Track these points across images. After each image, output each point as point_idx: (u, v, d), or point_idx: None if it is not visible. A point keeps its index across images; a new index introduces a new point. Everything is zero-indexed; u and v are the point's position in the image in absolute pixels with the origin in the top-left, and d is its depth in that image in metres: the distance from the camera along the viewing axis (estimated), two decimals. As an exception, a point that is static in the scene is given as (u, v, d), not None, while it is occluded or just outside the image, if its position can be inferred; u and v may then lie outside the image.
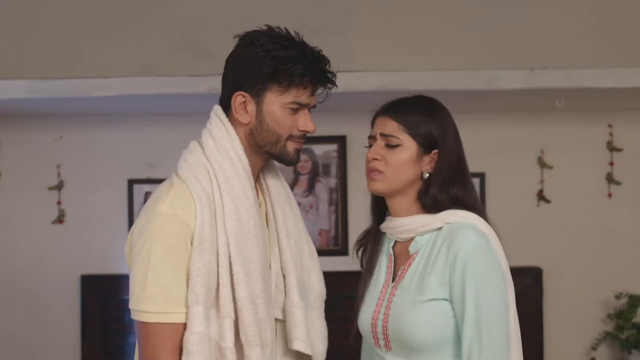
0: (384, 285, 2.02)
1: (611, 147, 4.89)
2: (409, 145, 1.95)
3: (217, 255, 1.81)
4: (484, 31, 4.49)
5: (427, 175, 1.96)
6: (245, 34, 1.91)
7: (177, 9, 4.38)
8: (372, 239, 2.09)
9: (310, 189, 4.90)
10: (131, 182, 4.85)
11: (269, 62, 1.83)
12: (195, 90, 3.96)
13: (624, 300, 4.71)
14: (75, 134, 4.89)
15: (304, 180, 4.89)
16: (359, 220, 4.91)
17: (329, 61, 1.90)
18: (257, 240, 1.86)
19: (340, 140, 4.87)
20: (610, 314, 4.76)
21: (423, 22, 4.55)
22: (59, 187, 4.90)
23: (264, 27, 1.90)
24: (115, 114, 4.78)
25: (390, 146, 1.96)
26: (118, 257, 4.82)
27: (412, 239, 1.99)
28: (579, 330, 4.76)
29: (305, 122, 1.90)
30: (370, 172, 1.98)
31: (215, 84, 3.95)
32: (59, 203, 4.91)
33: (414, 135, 1.95)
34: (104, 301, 4.80)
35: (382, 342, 1.98)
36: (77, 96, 4.09)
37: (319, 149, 4.83)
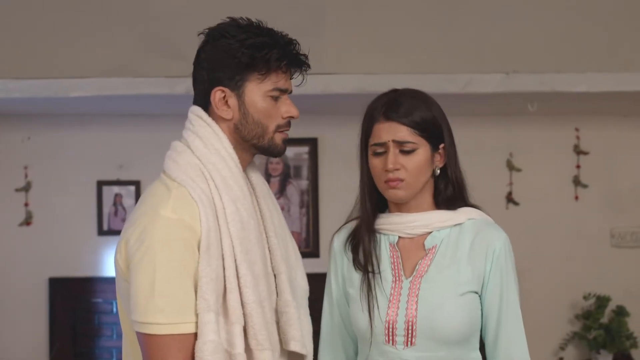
0: (394, 282, 1.99)
1: (578, 151, 4.95)
2: (422, 147, 1.96)
3: (223, 259, 1.75)
4: (460, 35, 4.54)
5: (439, 171, 2.00)
6: (211, 29, 1.87)
7: (150, 10, 4.36)
8: (365, 238, 2.05)
9: (282, 191, 4.90)
10: (100, 184, 4.79)
11: (245, 50, 1.79)
12: (173, 91, 3.93)
13: (592, 301, 4.77)
14: (43, 134, 4.83)
15: (275, 182, 4.89)
16: (330, 222, 4.94)
17: (299, 43, 1.87)
18: (257, 241, 1.82)
19: (312, 143, 4.88)
20: (578, 315, 4.82)
21: (399, 25, 4.57)
22: (27, 188, 4.83)
23: (227, 19, 1.87)
24: (84, 115, 4.73)
25: (405, 152, 1.95)
26: (87, 260, 4.79)
27: (426, 233, 2.00)
28: (547, 330, 4.81)
29: (288, 108, 1.87)
30: (391, 181, 1.96)
31: (191, 86, 3.95)
32: (26, 205, 4.84)
33: (425, 136, 1.96)
34: (73, 304, 4.74)
35: (400, 339, 1.96)
36: (52, 96, 4.04)
37: (290, 151, 4.83)
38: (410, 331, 1.95)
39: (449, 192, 2.00)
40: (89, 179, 4.81)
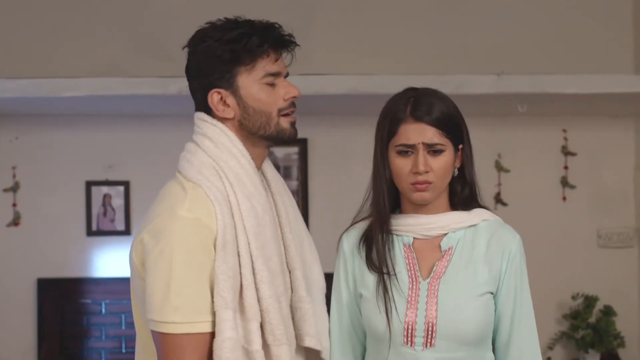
0: (411, 283, 1.98)
1: (566, 152, 4.98)
2: (448, 149, 1.96)
3: (239, 256, 1.77)
4: (452, 36, 4.56)
5: (457, 172, 2.00)
6: (191, 38, 1.90)
7: (142, 11, 4.35)
8: (380, 238, 2.03)
9: (271, 191, 4.90)
10: (89, 184, 4.76)
11: (225, 47, 1.81)
12: (166, 91, 3.93)
13: (580, 300, 4.80)
14: (31, 134, 4.80)
15: (265, 182, 4.88)
16: (320, 222, 4.94)
17: (280, 25, 1.88)
18: (273, 236, 1.84)
19: (302, 143, 4.87)
20: (566, 315, 4.84)
21: (391, 26, 4.60)
22: (15, 188, 4.80)
23: (205, 25, 1.89)
24: (72, 115, 4.70)
25: (433, 153, 1.94)
26: (76, 261, 4.77)
27: (442, 235, 2.00)
28: (535, 330, 4.82)
29: (286, 89, 1.88)
30: (420, 184, 1.94)
31: (185, 86, 3.94)
32: (14, 205, 4.81)
33: (450, 137, 1.95)
34: (61, 305, 4.71)
35: (420, 340, 1.95)
36: (46, 96, 4.03)
37: (280, 152, 4.83)
38: (430, 332, 1.94)
39: (466, 193, 2.00)
40: (78, 179, 4.79)
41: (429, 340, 1.94)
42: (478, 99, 4.26)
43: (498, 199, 4.96)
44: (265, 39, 1.83)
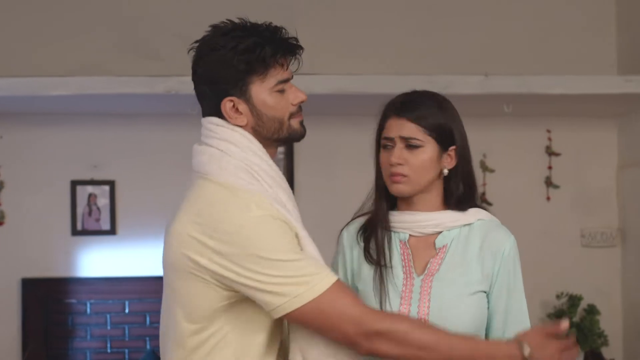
0: (405, 279, 2.02)
1: (550, 152, 5.00)
2: (429, 146, 2.00)
3: None
4: (440, 37, 4.59)
5: (447, 171, 2.02)
6: (199, 44, 1.89)
7: (127, 10, 4.35)
8: (379, 232, 2.09)
9: (257, 191, 4.90)
10: (74, 184, 4.74)
11: (240, 57, 1.81)
12: (153, 90, 3.92)
13: (564, 300, 4.82)
14: (15, 133, 4.76)
15: (251, 182, 4.88)
16: (306, 221, 4.93)
17: (284, 28, 1.90)
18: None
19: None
20: (550, 314, 4.87)
21: (378, 27, 4.62)
22: (-1, 188, 4.79)
23: (209, 29, 1.90)
24: (57, 114, 4.67)
25: (410, 148, 2.00)
26: (60, 260, 4.74)
27: (436, 233, 2.04)
28: (519, 329, 4.84)
29: (295, 95, 1.90)
30: (394, 176, 2.01)
31: (173, 85, 3.94)
32: (-2, 204, 4.80)
33: (433, 135, 2.00)
34: (46, 305, 4.69)
35: None
36: (33, 95, 4.01)
37: (265, 151, 4.82)
38: None
39: (459, 193, 2.03)
40: (63, 178, 4.76)
41: None
42: (465, 100, 4.27)
43: (483, 199, 4.97)
44: (277, 48, 1.85)
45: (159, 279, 4.98)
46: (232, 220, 1.75)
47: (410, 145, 2.00)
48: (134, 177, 4.76)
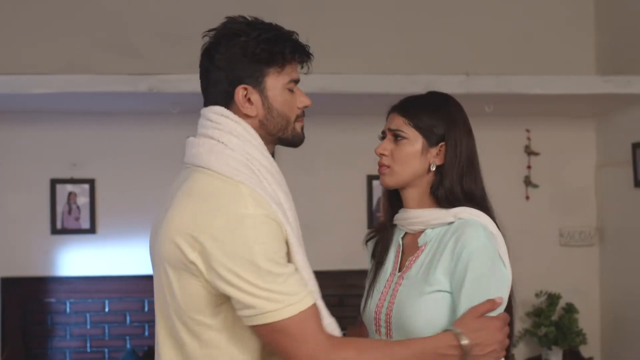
0: (390, 275, 2.07)
1: (529, 151, 5.04)
2: (414, 139, 2.03)
3: None
4: (422, 37, 4.60)
5: (435, 167, 2.02)
6: (220, 30, 1.88)
7: (107, 8, 4.33)
8: (384, 231, 2.15)
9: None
10: (54, 182, 4.72)
11: (263, 46, 1.82)
12: (135, 88, 3.90)
13: (543, 298, 4.86)
14: (-6, 132, 4.76)
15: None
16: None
17: (298, 34, 1.92)
18: (301, 237, 1.87)
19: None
20: (529, 312, 4.90)
21: (361, 26, 4.63)
22: (-22, 186, 4.75)
23: (227, 19, 1.89)
24: (37, 112, 4.65)
25: (396, 140, 2.04)
26: (40, 259, 4.71)
27: (423, 231, 2.05)
28: (499, 328, 4.87)
29: (302, 98, 1.92)
30: (380, 167, 2.07)
31: (155, 83, 3.93)
32: (-23, 203, 4.76)
33: (418, 128, 2.03)
34: (25, 305, 4.67)
35: (383, 330, 2.04)
36: (15, 93, 3.98)
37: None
38: (387, 323, 2.02)
39: (441, 190, 2.01)
40: (42, 177, 4.73)
41: (388, 331, 2.03)
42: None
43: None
44: (296, 47, 1.87)
45: (139, 278, 5.01)
46: (225, 216, 1.72)
47: (397, 137, 2.04)
48: (114, 176, 4.74)
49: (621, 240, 4.82)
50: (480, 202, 2.03)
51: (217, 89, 1.88)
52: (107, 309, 4.71)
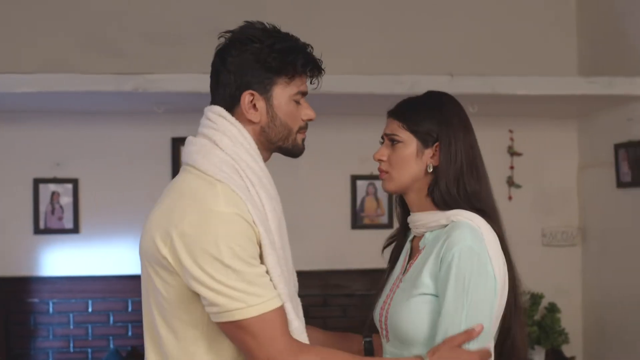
0: (396, 278, 2.07)
1: (512, 152, 5.06)
2: (408, 141, 2.01)
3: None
4: (407, 38, 4.61)
5: (431, 168, 1.99)
6: (236, 33, 1.91)
7: (91, 8, 4.31)
8: (400, 235, 2.16)
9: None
10: (37, 182, 4.69)
11: (275, 55, 1.84)
12: (120, 88, 3.89)
13: (526, 298, 4.88)
14: (-24, 131, 4.73)
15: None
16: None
17: (313, 48, 1.94)
18: (286, 239, 1.90)
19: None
20: (512, 312, 4.91)
21: (346, 26, 4.63)
22: (-40, 186, 4.72)
23: (245, 23, 1.91)
24: (20, 111, 4.62)
25: (393, 144, 2.03)
26: (23, 259, 4.69)
27: (423, 234, 2.04)
28: (482, 327, 4.89)
29: (307, 111, 1.94)
30: (380, 173, 2.06)
31: (140, 83, 3.92)
32: (-41, 203, 4.73)
33: (412, 130, 2.01)
34: (8, 305, 4.63)
35: (383, 332, 2.05)
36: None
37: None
38: (385, 325, 2.03)
39: (437, 192, 1.98)
40: (25, 176, 4.70)
41: (386, 333, 2.03)
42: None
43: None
44: (309, 61, 1.90)
45: (123, 278, 5.00)
46: (196, 212, 1.74)
47: (393, 141, 2.03)
48: (98, 176, 4.73)
49: (603, 240, 4.85)
50: (483, 203, 1.99)
51: (225, 91, 1.90)
52: (90, 309, 4.69)
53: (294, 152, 1.94)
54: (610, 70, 4.53)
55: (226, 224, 1.73)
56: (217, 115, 1.89)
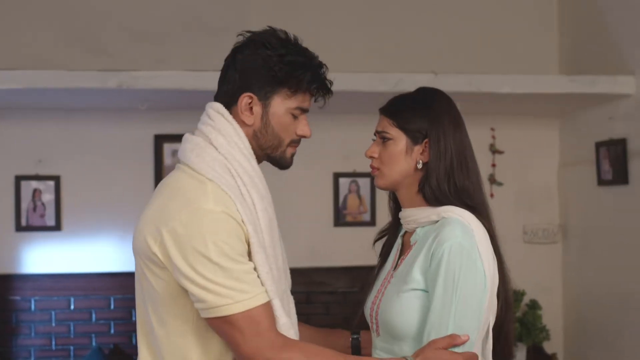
0: (387, 273, 2.08)
1: (493, 150, 5.09)
2: (398, 138, 2.02)
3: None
4: (391, 36, 4.62)
5: (421, 165, 2.00)
6: (253, 35, 1.92)
7: (78, 4, 4.29)
8: (391, 230, 2.17)
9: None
10: (18, 179, 4.66)
11: (283, 66, 1.86)
12: (105, 85, 3.88)
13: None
14: (-43, 128, 4.69)
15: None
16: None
17: (327, 68, 1.95)
18: (279, 238, 1.91)
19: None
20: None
21: (330, 24, 4.64)
22: (-59, 183, 4.68)
23: (267, 28, 1.92)
24: (2, 108, 4.57)
25: (384, 141, 2.04)
26: (4, 257, 4.66)
27: (414, 229, 2.05)
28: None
29: (303, 127, 1.95)
30: (371, 170, 2.08)
31: (124, 80, 3.91)
32: (-60, 200, 4.69)
33: (401, 127, 2.02)
34: (-11, 302, 4.63)
35: (374, 327, 2.06)
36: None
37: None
38: (376, 320, 2.04)
39: (427, 188, 1.98)
40: (7, 173, 4.67)
41: (377, 328, 2.05)
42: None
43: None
44: (316, 79, 1.91)
45: (105, 276, 4.98)
46: (186, 210, 1.76)
47: (383, 138, 2.04)
48: (80, 173, 4.71)
49: (584, 237, 4.89)
50: (474, 199, 1.98)
51: (228, 87, 1.92)
52: (72, 307, 4.68)
53: (281, 163, 1.96)
54: (592, 68, 4.56)
55: (215, 222, 1.75)
56: (215, 112, 1.91)
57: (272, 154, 1.93)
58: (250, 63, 1.88)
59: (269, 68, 1.86)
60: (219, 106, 1.91)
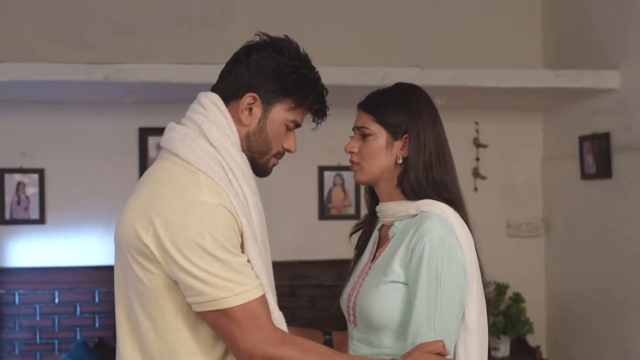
0: (365, 265, 2.10)
1: (477, 144, 5.12)
2: (378, 134, 2.04)
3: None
4: (377, 30, 4.63)
5: (401, 160, 2.02)
6: (273, 39, 1.92)
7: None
8: (367, 223, 2.19)
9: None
10: (2, 172, 4.64)
11: (295, 77, 1.86)
12: (91, 78, 3.86)
13: (491, 288, 4.93)
14: (-59, 120, 4.67)
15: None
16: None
17: (328, 91, 1.97)
18: (266, 233, 1.91)
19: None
20: (478, 302, 4.96)
21: (316, 18, 4.63)
22: None
23: (284, 37, 1.93)
24: (-16, 101, 4.59)
25: (363, 137, 2.05)
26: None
27: (394, 223, 2.06)
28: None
29: (290, 142, 1.96)
30: (351, 165, 2.09)
31: (111, 72, 3.90)
32: None
33: (381, 122, 2.04)
34: (-26, 296, 4.61)
35: (351, 318, 2.07)
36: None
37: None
38: (353, 311, 2.05)
39: (406, 182, 2.00)
40: (-10, 166, 4.67)
41: (354, 319, 2.06)
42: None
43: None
44: (319, 101, 1.92)
45: (90, 269, 4.96)
46: (181, 201, 1.74)
47: (363, 134, 2.05)
48: (64, 166, 4.69)
49: (567, 231, 4.92)
50: (451, 193, 2.02)
51: (233, 82, 1.91)
52: (57, 300, 4.67)
53: (262, 171, 1.96)
54: (575, 63, 4.58)
55: (211, 214, 1.74)
56: (210, 102, 1.89)
57: (257, 159, 1.92)
58: (264, 65, 1.88)
59: (281, 75, 1.86)
60: (215, 97, 1.90)
